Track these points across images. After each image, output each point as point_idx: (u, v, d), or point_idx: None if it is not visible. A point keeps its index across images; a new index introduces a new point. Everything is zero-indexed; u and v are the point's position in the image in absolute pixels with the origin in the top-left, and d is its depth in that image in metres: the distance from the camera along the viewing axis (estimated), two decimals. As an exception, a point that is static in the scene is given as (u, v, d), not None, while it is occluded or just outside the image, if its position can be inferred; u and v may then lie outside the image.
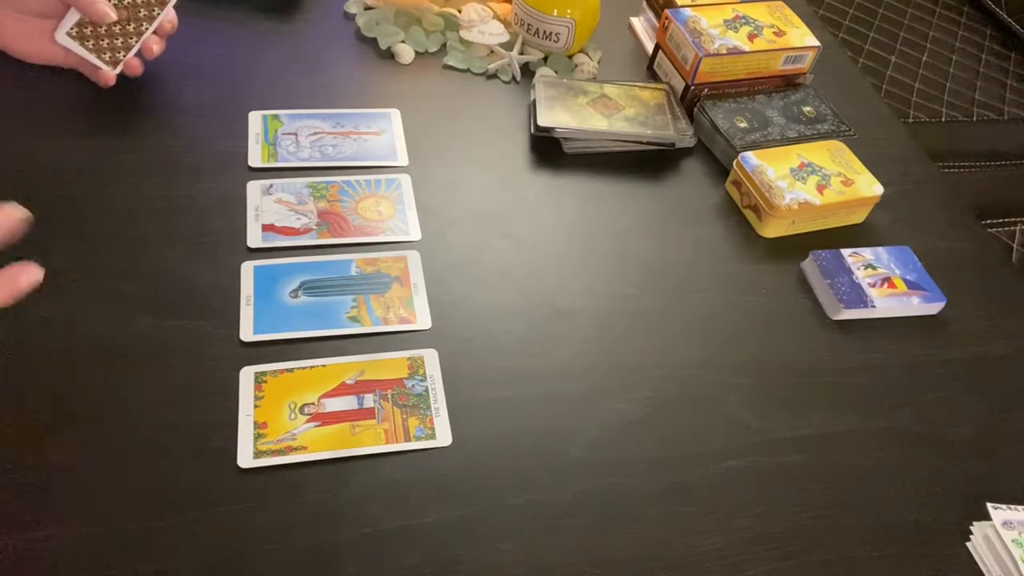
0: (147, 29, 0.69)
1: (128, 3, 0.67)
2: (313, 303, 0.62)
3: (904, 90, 1.23)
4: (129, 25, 0.68)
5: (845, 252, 0.71)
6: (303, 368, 0.58)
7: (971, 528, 0.56)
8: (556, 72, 0.84)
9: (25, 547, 0.48)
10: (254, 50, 0.80)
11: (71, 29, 0.66)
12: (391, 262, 0.65)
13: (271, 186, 0.69)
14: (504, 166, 0.75)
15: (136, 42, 0.69)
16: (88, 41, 0.67)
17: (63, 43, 0.67)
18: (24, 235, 0.48)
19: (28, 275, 0.49)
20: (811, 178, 0.73)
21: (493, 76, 0.84)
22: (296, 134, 0.73)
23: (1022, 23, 1.33)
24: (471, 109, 0.80)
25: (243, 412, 0.55)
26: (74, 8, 0.66)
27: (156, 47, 0.70)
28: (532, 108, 0.78)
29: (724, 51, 0.79)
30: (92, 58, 0.68)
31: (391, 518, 0.52)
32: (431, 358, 0.60)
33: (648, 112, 0.79)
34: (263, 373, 0.57)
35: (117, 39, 0.68)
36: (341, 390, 0.57)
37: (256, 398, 0.56)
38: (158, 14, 0.69)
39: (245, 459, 0.53)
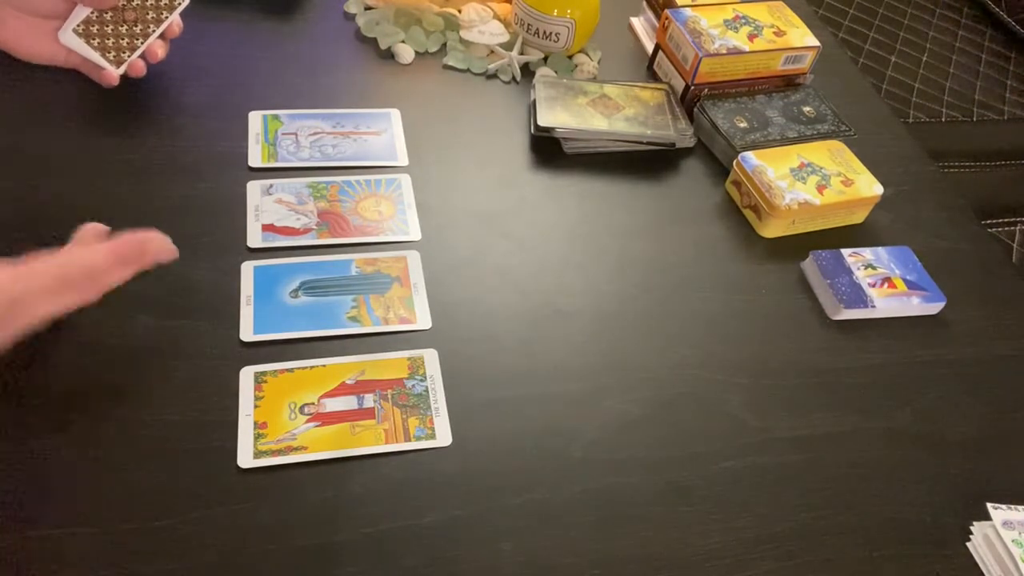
0: (154, 31, 0.69)
1: (137, 4, 0.67)
2: (313, 303, 0.62)
3: (904, 90, 1.23)
4: (136, 26, 0.68)
5: (845, 252, 0.71)
6: (303, 368, 0.58)
7: (971, 528, 0.56)
8: (556, 72, 0.84)
9: (25, 547, 0.48)
10: (254, 50, 0.80)
11: (77, 26, 0.66)
12: (391, 262, 0.65)
13: (271, 186, 0.69)
14: (504, 166, 0.75)
15: (142, 43, 0.69)
16: (94, 39, 0.67)
17: (68, 42, 0.67)
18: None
19: (157, 246, 0.52)
20: (811, 178, 0.73)
21: (493, 76, 0.84)
22: (296, 134, 0.73)
23: (1022, 23, 1.33)
24: (471, 109, 0.80)
25: (243, 412, 0.55)
26: (80, 5, 0.66)
27: (161, 51, 0.70)
28: (532, 108, 0.78)
29: (724, 51, 0.79)
30: (96, 57, 0.68)
31: (391, 518, 0.52)
32: (431, 358, 0.60)
33: (648, 112, 0.79)
34: (263, 373, 0.57)
35: (123, 39, 0.67)
36: (341, 390, 0.57)
37: (256, 398, 0.56)
38: (166, 17, 0.69)
39: (245, 459, 0.53)
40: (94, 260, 0.52)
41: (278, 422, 0.55)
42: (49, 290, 0.49)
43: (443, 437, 0.56)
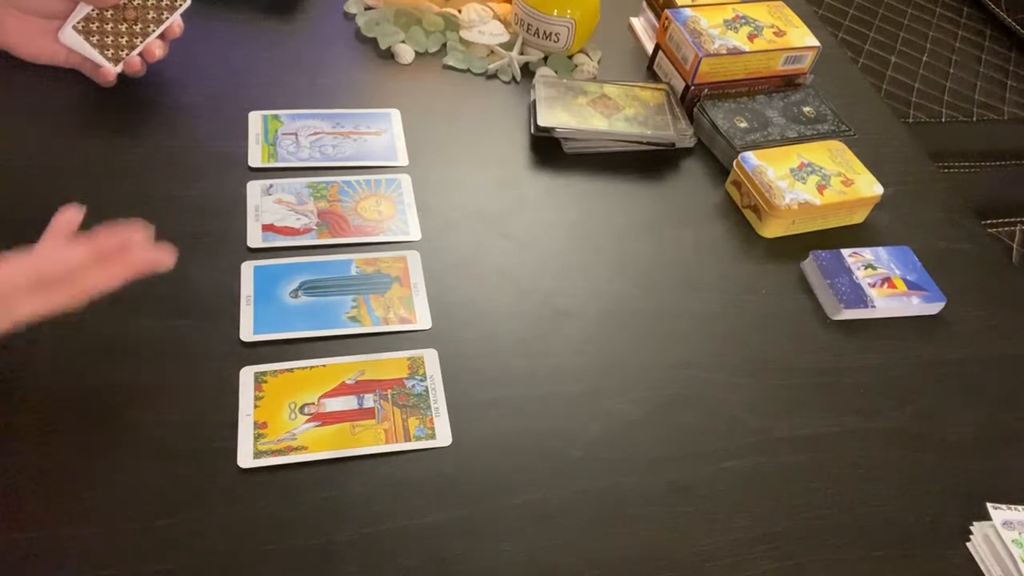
0: (153, 31, 0.69)
1: (138, 3, 0.67)
2: (313, 303, 0.62)
3: (904, 90, 1.23)
4: (136, 25, 0.68)
5: (845, 252, 0.71)
6: (303, 368, 0.58)
7: (971, 528, 0.56)
8: (556, 72, 0.84)
9: (25, 547, 0.48)
10: (254, 50, 0.80)
11: (78, 23, 0.66)
12: (391, 262, 0.65)
13: (271, 186, 0.69)
14: (504, 166, 0.75)
15: (141, 42, 0.69)
16: (93, 37, 0.67)
17: (68, 40, 0.67)
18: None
19: (141, 247, 0.48)
20: (811, 178, 0.73)
21: (493, 76, 0.84)
22: (296, 134, 0.73)
23: (1022, 23, 1.33)
24: (471, 109, 0.80)
25: (243, 412, 0.55)
26: (82, 2, 0.66)
27: (159, 51, 0.70)
28: (532, 108, 0.78)
29: (724, 51, 0.79)
30: (95, 55, 0.68)
31: (391, 518, 0.52)
32: (431, 358, 0.60)
33: (648, 112, 0.79)
34: (263, 373, 0.57)
35: (123, 37, 0.68)
36: (341, 390, 0.57)
37: (256, 398, 0.56)
38: (167, 18, 0.69)
39: (245, 459, 0.53)
40: (69, 260, 0.49)
41: (278, 422, 0.55)
42: (24, 290, 0.48)
43: (443, 437, 0.56)
